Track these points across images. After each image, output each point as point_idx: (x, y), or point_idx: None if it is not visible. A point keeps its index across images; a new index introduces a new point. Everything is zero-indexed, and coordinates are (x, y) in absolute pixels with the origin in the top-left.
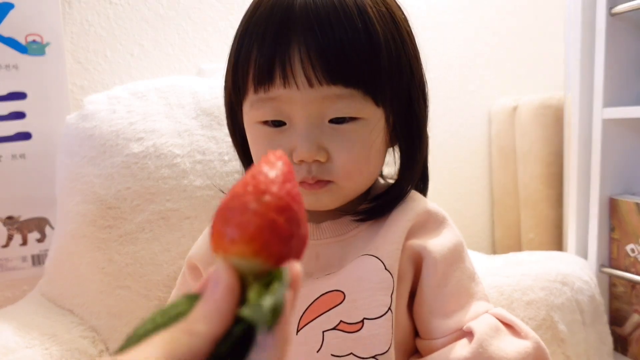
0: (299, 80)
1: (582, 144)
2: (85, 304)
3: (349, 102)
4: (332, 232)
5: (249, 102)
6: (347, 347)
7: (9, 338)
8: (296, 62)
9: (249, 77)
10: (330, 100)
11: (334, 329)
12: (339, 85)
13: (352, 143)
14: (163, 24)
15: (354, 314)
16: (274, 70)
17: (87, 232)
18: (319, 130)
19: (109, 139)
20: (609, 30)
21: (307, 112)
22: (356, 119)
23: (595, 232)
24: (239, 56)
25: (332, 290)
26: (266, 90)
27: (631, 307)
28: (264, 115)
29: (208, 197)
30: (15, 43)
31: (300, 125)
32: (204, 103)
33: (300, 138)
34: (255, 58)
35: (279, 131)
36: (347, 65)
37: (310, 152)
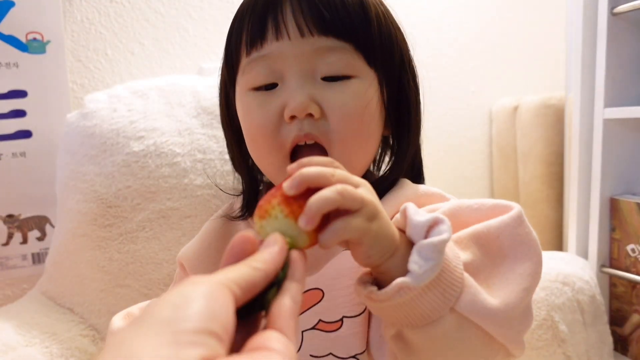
0: (290, 30)
1: (583, 144)
2: (85, 303)
3: (340, 55)
4: None
5: (242, 70)
6: (326, 347)
7: (9, 336)
8: (288, 12)
9: (242, 43)
10: (322, 53)
11: (312, 329)
12: (330, 37)
13: (346, 98)
14: (164, 22)
15: (333, 312)
16: (266, 24)
17: (87, 231)
18: (312, 86)
19: (109, 138)
20: (610, 30)
21: (299, 65)
22: (349, 77)
23: (596, 232)
24: (233, 28)
25: (311, 289)
26: (259, 48)
27: (631, 307)
28: (256, 77)
29: (208, 196)
30: (16, 41)
31: (293, 81)
32: (205, 102)
33: (292, 91)
34: (248, 19)
35: (270, 93)
36: (337, 16)
37: (303, 102)
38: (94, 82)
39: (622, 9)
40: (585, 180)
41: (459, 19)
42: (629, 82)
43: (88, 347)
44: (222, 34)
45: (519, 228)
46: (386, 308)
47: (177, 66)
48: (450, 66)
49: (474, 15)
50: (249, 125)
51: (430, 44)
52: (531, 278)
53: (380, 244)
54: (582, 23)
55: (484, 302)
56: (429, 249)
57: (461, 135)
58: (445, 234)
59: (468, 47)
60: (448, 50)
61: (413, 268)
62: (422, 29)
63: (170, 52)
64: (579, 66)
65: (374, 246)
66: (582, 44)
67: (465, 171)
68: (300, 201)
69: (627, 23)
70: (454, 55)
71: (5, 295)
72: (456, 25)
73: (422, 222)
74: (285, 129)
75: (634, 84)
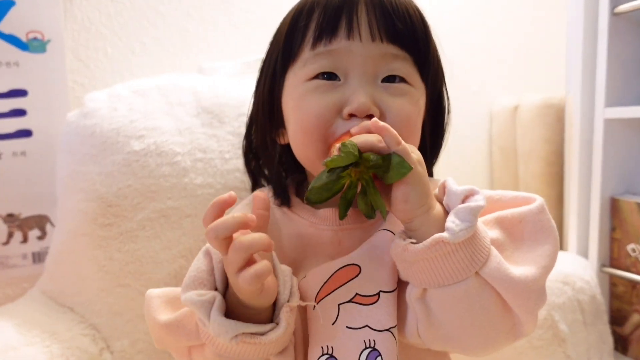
0: (363, 33)
1: (583, 143)
2: (85, 302)
3: (403, 63)
4: (353, 218)
5: (302, 61)
6: (363, 319)
7: (9, 336)
8: (362, 15)
9: (306, 37)
10: (387, 58)
11: (349, 302)
12: (397, 46)
13: (403, 101)
14: (164, 21)
15: (370, 286)
16: (340, 21)
17: (87, 230)
18: (373, 88)
19: (109, 137)
20: (611, 30)
21: (364, 67)
22: (405, 81)
23: (596, 232)
24: (296, 24)
25: (348, 265)
26: (327, 43)
27: (632, 307)
28: (320, 67)
29: (209, 195)
30: (16, 40)
31: (356, 80)
32: (205, 101)
33: (357, 90)
34: (319, 17)
35: (331, 85)
36: (406, 28)
37: (366, 103)
38: (94, 81)
39: (622, 8)
40: (586, 180)
41: (459, 18)
42: (629, 82)
43: (88, 347)
44: (222, 34)
45: (540, 215)
46: (419, 262)
47: (178, 65)
48: (451, 65)
49: (474, 14)
50: (305, 113)
51: None
52: (549, 259)
53: (420, 187)
54: (582, 23)
55: (507, 270)
56: (465, 212)
57: (461, 135)
58: (481, 201)
59: (468, 46)
60: (448, 50)
61: (450, 226)
62: None
63: (171, 51)
64: (580, 66)
65: (416, 187)
66: (583, 43)
67: (465, 170)
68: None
69: (628, 23)
70: (454, 54)
71: (6, 295)
72: (456, 24)
73: (459, 190)
74: (339, 124)
75: (635, 83)
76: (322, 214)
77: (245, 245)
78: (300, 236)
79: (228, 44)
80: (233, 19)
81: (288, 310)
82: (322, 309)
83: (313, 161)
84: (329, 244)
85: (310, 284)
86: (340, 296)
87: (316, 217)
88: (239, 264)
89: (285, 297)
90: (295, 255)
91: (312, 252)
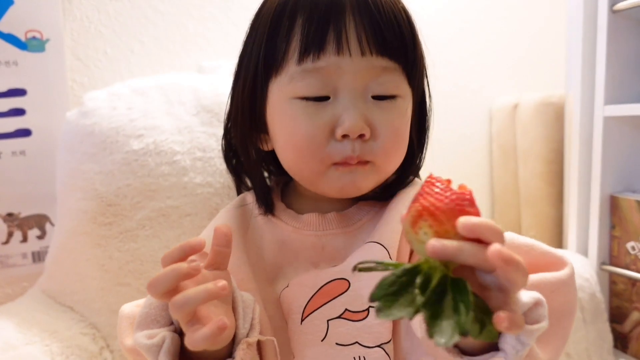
0: (352, 47)
1: (583, 141)
2: (85, 301)
3: (391, 76)
4: (337, 223)
5: (288, 76)
6: (352, 336)
7: (9, 334)
8: (351, 27)
9: (290, 48)
10: (376, 72)
11: (338, 318)
12: (386, 58)
13: (393, 119)
14: (163, 20)
15: (359, 302)
16: (327, 36)
17: (87, 229)
18: (364, 105)
19: (109, 136)
20: (610, 28)
21: (354, 83)
22: (394, 97)
23: (596, 230)
24: (277, 29)
25: (337, 279)
26: (315, 59)
27: (631, 305)
28: (307, 87)
29: (208, 195)
30: (15, 39)
31: (346, 98)
32: (205, 100)
33: (348, 110)
34: (304, 26)
35: (321, 105)
36: (395, 38)
37: (358, 123)
38: (94, 81)
39: (622, 6)
40: (585, 178)
41: (458, 17)
42: (629, 80)
43: (88, 346)
44: (221, 32)
45: (570, 286)
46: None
47: (177, 64)
48: (450, 64)
49: (473, 13)
50: (294, 135)
51: (429, 43)
52: (571, 328)
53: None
54: (582, 20)
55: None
56: (528, 336)
57: (461, 134)
58: (544, 321)
59: (468, 45)
60: (448, 49)
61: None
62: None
63: (170, 50)
64: (579, 64)
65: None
66: (582, 41)
67: (465, 169)
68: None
69: (627, 20)
70: (454, 53)
71: (6, 294)
72: (456, 23)
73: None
74: (334, 146)
75: (634, 81)
76: (306, 219)
77: (180, 304)
78: (283, 242)
79: (228, 43)
80: (232, 17)
81: (245, 347)
82: (310, 325)
83: (307, 178)
84: (311, 249)
85: (296, 295)
86: (329, 312)
87: (299, 222)
88: (184, 320)
89: (244, 331)
90: (276, 261)
91: (294, 258)
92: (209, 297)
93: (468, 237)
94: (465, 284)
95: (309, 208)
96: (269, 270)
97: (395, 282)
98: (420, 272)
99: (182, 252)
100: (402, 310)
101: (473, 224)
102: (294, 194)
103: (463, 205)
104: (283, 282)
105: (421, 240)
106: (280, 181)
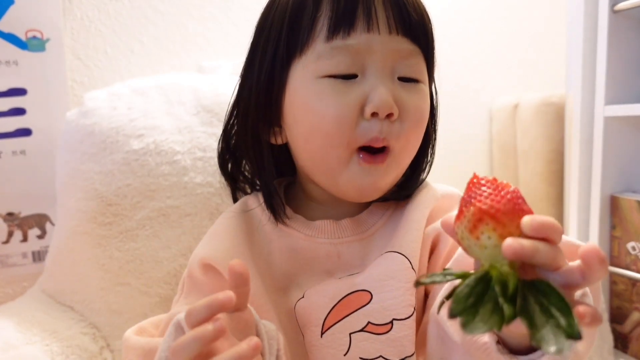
0: (381, 24)
1: (583, 141)
2: (85, 301)
3: (416, 59)
4: (352, 230)
5: (315, 54)
6: (376, 349)
7: (9, 334)
8: (380, 7)
9: (317, 25)
10: (403, 54)
11: (361, 331)
12: (409, 39)
13: (419, 101)
14: (163, 20)
15: (382, 314)
16: (357, 13)
17: (87, 229)
18: (392, 84)
19: (109, 136)
20: (611, 28)
21: (383, 62)
22: (418, 81)
23: (596, 230)
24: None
25: (358, 290)
26: (345, 36)
27: (632, 305)
28: (337, 65)
29: (208, 194)
30: (16, 39)
31: (375, 76)
32: (205, 100)
33: (378, 87)
34: (332, 4)
35: (349, 84)
36: (420, 21)
37: (389, 101)
38: (94, 80)
39: (622, 6)
40: (586, 178)
41: (459, 17)
42: (629, 80)
43: (88, 345)
44: (221, 32)
45: None
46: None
47: (177, 64)
48: (451, 64)
49: (474, 13)
50: (322, 115)
51: None
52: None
53: None
54: (582, 20)
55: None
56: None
57: (461, 133)
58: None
59: (468, 45)
60: (448, 49)
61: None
62: None
63: (170, 50)
64: (580, 64)
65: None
66: (583, 41)
67: (465, 169)
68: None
69: (627, 20)
70: (454, 53)
71: (6, 293)
72: (456, 23)
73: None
74: (363, 125)
75: (635, 81)
76: (319, 226)
77: None
78: (294, 250)
79: (228, 43)
80: (232, 17)
81: None
82: (332, 338)
83: (332, 168)
84: (326, 258)
85: (314, 306)
86: (351, 325)
87: (312, 229)
88: None
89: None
90: (288, 270)
91: (307, 267)
92: (244, 357)
93: (532, 236)
94: (550, 286)
95: (319, 213)
96: (279, 279)
97: (470, 294)
98: (492, 279)
99: (209, 311)
100: (488, 321)
101: (539, 224)
102: (301, 197)
103: (520, 203)
104: (297, 291)
105: (484, 245)
106: (282, 183)
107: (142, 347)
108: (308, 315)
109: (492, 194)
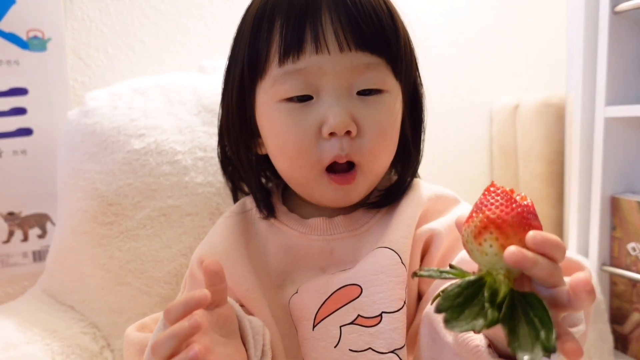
0: (330, 45)
1: (583, 142)
2: (86, 300)
3: (375, 72)
4: (345, 226)
5: (271, 79)
6: (366, 341)
7: (10, 334)
8: (327, 24)
9: (271, 51)
10: (359, 70)
11: (351, 324)
12: (367, 52)
13: (380, 114)
14: (164, 20)
15: (371, 307)
16: (305, 36)
17: (88, 229)
18: (349, 102)
19: (110, 135)
20: (611, 29)
21: (337, 81)
22: (381, 91)
23: (597, 231)
24: (258, 33)
25: (349, 285)
26: (295, 59)
27: (632, 306)
28: (290, 89)
29: (209, 194)
30: (17, 38)
31: (330, 96)
32: (205, 100)
33: (332, 107)
34: (282, 28)
35: (305, 106)
36: (374, 31)
37: (344, 120)
38: (95, 80)
39: (623, 7)
40: (586, 179)
41: (459, 17)
42: (630, 81)
43: (89, 345)
44: (222, 32)
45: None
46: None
47: (178, 64)
48: (451, 65)
49: (474, 13)
50: (283, 139)
51: (430, 43)
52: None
53: None
54: (583, 21)
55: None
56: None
57: (462, 134)
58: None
59: (468, 45)
60: (448, 49)
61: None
62: (422, 27)
63: (171, 50)
64: (580, 64)
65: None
66: (583, 42)
67: (465, 170)
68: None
69: (628, 21)
70: (454, 53)
71: (6, 293)
72: (456, 23)
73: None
74: (323, 146)
75: (635, 82)
76: (312, 223)
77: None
78: (289, 247)
79: (229, 42)
80: (233, 17)
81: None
82: (323, 331)
83: (305, 184)
84: (319, 254)
85: (307, 301)
86: (341, 318)
87: (305, 226)
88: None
89: (256, 359)
90: (282, 266)
91: (301, 264)
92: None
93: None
94: (539, 299)
95: (313, 212)
96: (274, 276)
97: (460, 294)
98: (484, 285)
99: (186, 308)
100: (470, 322)
101: (542, 240)
102: (296, 197)
103: (529, 218)
104: (291, 287)
105: (485, 252)
106: (280, 184)
107: (140, 342)
108: (301, 310)
109: (502, 205)
